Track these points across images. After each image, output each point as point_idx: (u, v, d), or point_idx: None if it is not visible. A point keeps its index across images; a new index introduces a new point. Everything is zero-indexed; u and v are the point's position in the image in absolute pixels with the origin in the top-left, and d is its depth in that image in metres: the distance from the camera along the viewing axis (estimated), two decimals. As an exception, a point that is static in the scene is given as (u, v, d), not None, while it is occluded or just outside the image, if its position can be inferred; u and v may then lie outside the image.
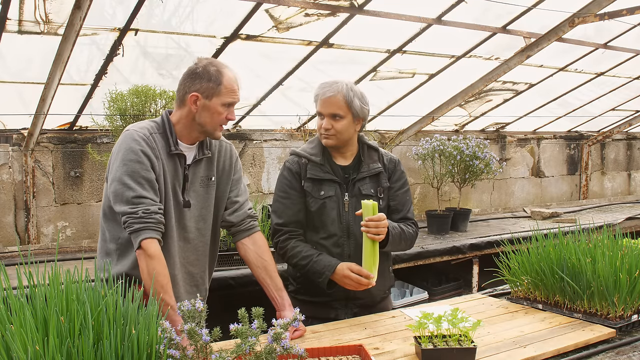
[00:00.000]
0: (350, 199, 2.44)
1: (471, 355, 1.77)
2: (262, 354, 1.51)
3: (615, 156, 8.56)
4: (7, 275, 1.48)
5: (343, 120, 2.37)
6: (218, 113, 2.10)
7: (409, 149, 6.16)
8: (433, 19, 4.42)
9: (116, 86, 4.00)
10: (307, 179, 2.44)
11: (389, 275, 2.60)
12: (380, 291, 2.53)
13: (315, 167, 2.45)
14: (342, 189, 2.45)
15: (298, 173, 2.46)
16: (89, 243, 4.38)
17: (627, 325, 2.15)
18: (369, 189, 2.46)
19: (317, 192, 2.43)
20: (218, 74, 2.09)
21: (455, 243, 4.79)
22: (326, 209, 2.43)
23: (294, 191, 2.45)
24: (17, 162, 4.35)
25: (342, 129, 2.38)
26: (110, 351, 1.32)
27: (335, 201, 2.43)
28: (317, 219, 2.44)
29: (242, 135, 5.36)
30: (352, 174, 2.48)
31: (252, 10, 3.80)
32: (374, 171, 2.47)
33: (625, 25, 5.25)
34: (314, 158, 2.45)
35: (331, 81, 2.40)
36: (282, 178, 2.50)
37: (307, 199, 2.44)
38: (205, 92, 2.09)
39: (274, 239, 2.46)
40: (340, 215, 2.44)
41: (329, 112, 2.37)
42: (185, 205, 2.18)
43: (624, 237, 2.57)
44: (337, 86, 2.36)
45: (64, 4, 3.29)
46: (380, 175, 2.49)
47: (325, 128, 2.39)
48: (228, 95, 2.10)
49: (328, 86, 2.38)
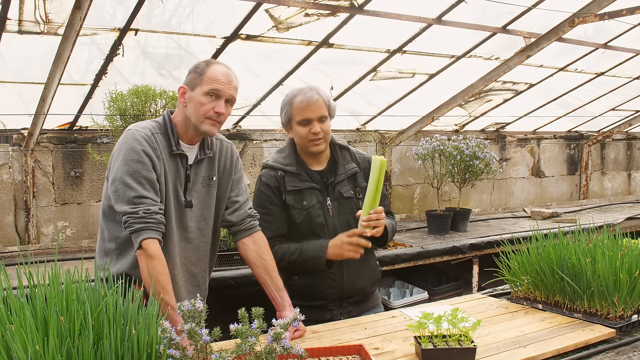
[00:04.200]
0: (333, 203, 2.45)
1: (471, 355, 1.77)
2: (262, 354, 1.51)
3: (615, 156, 8.56)
4: (7, 275, 1.48)
5: (327, 120, 2.40)
6: (200, 103, 2.08)
7: (409, 149, 6.16)
8: (433, 19, 4.42)
9: (116, 86, 4.00)
10: (288, 192, 2.42)
11: (376, 267, 2.63)
12: (369, 285, 2.57)
13: (292, 178, 2.43)
14: (323, 195, 2.45)
15: (277, 187, 2.44)
16: (89, 243, 4.38)
17: (627, 325, 2.15)
18: (348, 191, 2.47)
19: (300, 203, 2.42)
20: (204, 66, 2.10)
21: (455, 243, 4.79)
22: (312, 217, 2.43)
23: (274, 206, 2.44)
24: (17, 162, 4.35)
25: (328, 129, 2.41)
26: (110, 351, 1.32)
27: (320, 208, 2.43)
28: (304, 228, 2.44)
29: (242, 135, 5.36)
30: (330, 177, 2.48)
31: (252, 10, 3.80)
32: (350, 172, 2.49)
33: (625, 25, 5.25)
34: (289, 168, 2.44)
35: (304, 87, 2.41)
36: (260, 194, 2.47)
37: (291, 211, 2.43)
38: (190, 84, 2.11)
39: None
40: (327, 220, 2.45)
41: (318, 116, 2.37)
42: (187, 205, 2.17)
43: (624, 237, 2.57)
44: (314, 90, 2.39)
45: (64, 4, 3.29)
46: (357, 175, 2.50)
47: (315, 132, 2.37)
48: (209, 83, 2.08)
49: (308, 91, 2.39)
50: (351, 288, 2.50)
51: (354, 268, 2.49)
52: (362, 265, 2.51)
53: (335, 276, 2.47)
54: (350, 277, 2.49)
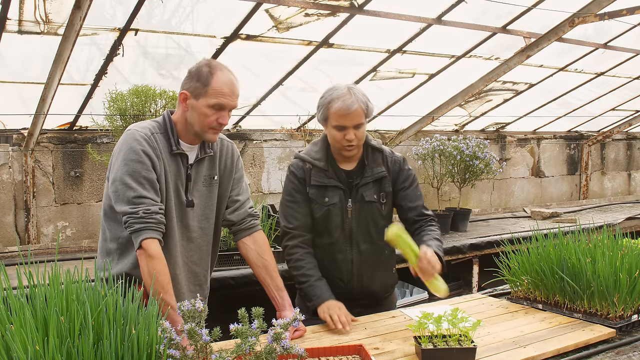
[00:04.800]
0: (354, 205, 2.42)
1: (471, 355, 1.77)
2: (262, 354, 1.51)
3: (615, 156, 8.56)
4: (7, 275, 1.48)
5: (363, 127, 2.34)
6: (205, 115, 2.06)
7: (409, 149, 6.16)
8: (433, 19, 4.42)
9: (116, 86, 4.00)
10: (312, 185, 2.41)
11: (392, 275, 2.59)
12: (381, 291, 2.53)
13: (319, 173, 2.42)
14: (345, 195, 2.42)
15: (303, 179, 2.43)
16: (89, 243, 4.38)
17: (627, 325, 2.15)
18: (371, 195, 2.42)
19: (322, 199, 2.41)
20: (208, 75, 2.05)
21: (455, 243, 4.79)
22: (330, 215, 2.41)
23: (300, 195, 2.43)
24: (17, 162, 4.35)
25: (362, 135, 2.36)
26: (110, 351, 1.32)
27: (339, 207, 2.41)
28: (321, 225, 2.43)
29: (242, 135, 5.36)
30: (356, 179, 2.43)
31: (252, 10, 3.80)
32: (377, 176, 2.43)
33: (625, 25, 5.25)
34: (318, 163, 2.41)
35: (343, 91, 2.31)
36: (289, 182, 2.47)
37: (312, 204, 2.43)
38: (193, 92, 2.06)
39: (283, 241, 2.45)
40: (344, 221, 2.42)
41: (354, 124, 2.31)
42: (189, 204, 2.17)
43: (624, 237, 2.57)
44: (354, 96, 2.29)
45: (64, 4, 3.29)
46: (384, 180, 2.45)
47: (349, 139, 2.32)
48: (214, 96, 2.04)
49: (348, 97, 2.28)
50: (360, 291, 2.47)
51: (366, 271, 2.46)
52: (376, 269, 2.48)
53: (344, 277, 2.45)
54: (360, 279, 2.46)
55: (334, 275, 2.44)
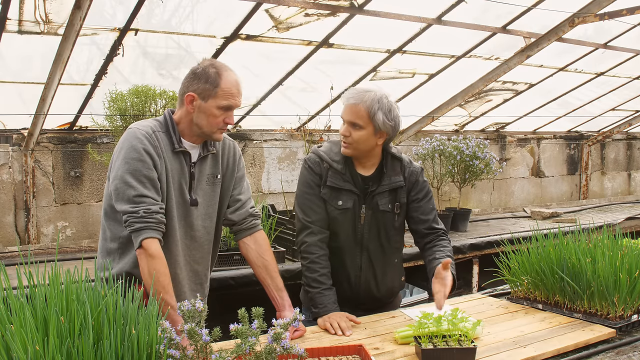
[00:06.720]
0: (367, 212, 2.37)
1: (471, 355, 1.77)
2: (262, 354, 1.51)
3: (615, 156, 8.57)
4: (7, 275, 1.48)
5: (362, 130, 2.27)
6: (213, 116, 2.07)
7: (409, 149, 6.16)
8: (433, 19, 4.42)
9: (116, 86, 4.00)
10: (326, 186, 2.36)
11: (400, 282, 2.57)
12: (386, 296, 2.52)
13: (335, 175, 2.36)
14: (360, 201, 2.37)
15: (319, 175, 2.38)
16: (89, 243, 4.38)
17: (627, 325, 2.15)
18: (386, 204, 2.37)
19: (335, 201, 2.36)
20: (216, 76, 2.05)
21: (455, 243, 4.79)
22: (342, 219, 2.37)
23: (319, 189, 2.38)
24: (17, 162, 4.35)
25: (359, 139, 2.28)
26: (110, 351, 1.32)
27: (352, 213, 2.36)
28: (332, 226, 2.39)
29: (242, 135, 5.36)
30: (372, 185, 2.38)
31: (252, 10, 3.80)
32: (394, 185, 2.38)
33: (625, 25, 5.25)
34: (336, 165, 2.36)
35: (363, 88, 2.29)
36: (307, 174, 2.40)
37: (325, 205, 2.38)
38: (202, 94, 2.06)
39: (300, 236, 2.38)
40: (355, 227, 2.38)
41: (348, 120, 2.29)
42: (193, 203, 2.16)
43: (624, 237, 2.57)
44: (364, 95, 2.26)
45: (64, 4, 3.29)
46: (400, 190, 2.40)
47: (343, 134, 2.31)
48: (224, 98, 2.06)
49: (355, 93, 2.28)
50: (366, 295, 2.45)
51: (374, 277, 2.44)
52: (384, 276, 2.46)
53: (351, 281, 2.43)
54: (367, 285, 2.44)
55: (341, 279, 2.42)
